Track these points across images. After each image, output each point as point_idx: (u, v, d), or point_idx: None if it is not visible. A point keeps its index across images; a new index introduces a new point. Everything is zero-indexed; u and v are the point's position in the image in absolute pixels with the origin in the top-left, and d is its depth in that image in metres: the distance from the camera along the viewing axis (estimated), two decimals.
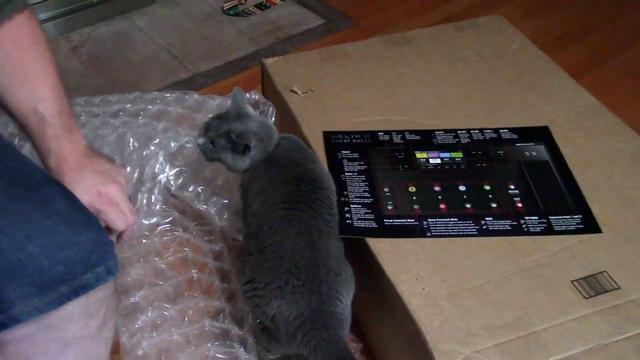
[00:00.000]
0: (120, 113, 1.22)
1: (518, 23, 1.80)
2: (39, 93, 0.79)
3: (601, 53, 1.76)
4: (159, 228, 1.11)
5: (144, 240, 1.07)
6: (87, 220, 0.67)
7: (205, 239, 1.12)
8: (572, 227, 0.95)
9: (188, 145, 1.16)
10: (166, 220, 1.13)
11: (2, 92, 0.78)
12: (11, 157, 0.70)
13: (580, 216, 0.97)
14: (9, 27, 0.77)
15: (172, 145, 1.12)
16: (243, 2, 1.95)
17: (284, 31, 1.84)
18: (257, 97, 1.25)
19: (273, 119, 1.21)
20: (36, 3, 1.77)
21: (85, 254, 0.63)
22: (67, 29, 1.82)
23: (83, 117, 1.20)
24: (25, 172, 0.67)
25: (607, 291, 0.86)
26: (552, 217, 0.97)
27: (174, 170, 1.15)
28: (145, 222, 1.06)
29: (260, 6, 1.94)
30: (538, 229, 0.95)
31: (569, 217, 0.97)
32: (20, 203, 0.63)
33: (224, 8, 1.91)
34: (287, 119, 1.19)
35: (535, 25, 1.86)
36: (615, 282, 0.87)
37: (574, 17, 1.92)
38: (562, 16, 1.91)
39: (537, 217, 0.97)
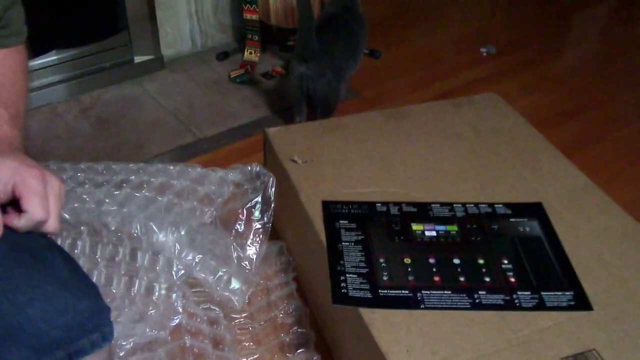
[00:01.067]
0: (124, 185, 1.25)
1: (515, 99, 1.88)
2: None
3: (595, 131, 1.81)
4: (155, 292, 1.12)
5: (144, 299, 1.08)
6: (86, 287, 0.69)
7: (202, 307, 1.13)
8: (563, 304, 0.97)
9: None
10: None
11: None
12: None
13: (571, 293, 0.99)
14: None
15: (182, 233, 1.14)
16: (250, 70, 2.02)
17: (287, 100, 1.90)
18: (257, 169, 1.29)
19: (273, 189, 1.24)
20: (50, 66, 1.84)
21: (83, 320, 0.64)
22: (78, 91, 1.88)
23: (87, 186, 1.23)
24: (29, 237, 0.69)
25: None
26: (544, 293, 0.99)
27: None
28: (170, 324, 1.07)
29: (266, 75, 2.01)
30: (530, 305, 0.97)
31: (560, 293, 0.99)
32: (23, 268, 0.65)
33: (231, 76, 1.98)
34: (287, 188, 1.23)
35: (531, 102, 1.93)
36: None
37: (569, 95, 1.98)
38: (556, 95, 1.98)
39: (529, 293, 0.99)
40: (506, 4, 2.66)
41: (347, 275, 1.01)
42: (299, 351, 1.10)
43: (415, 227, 1.11)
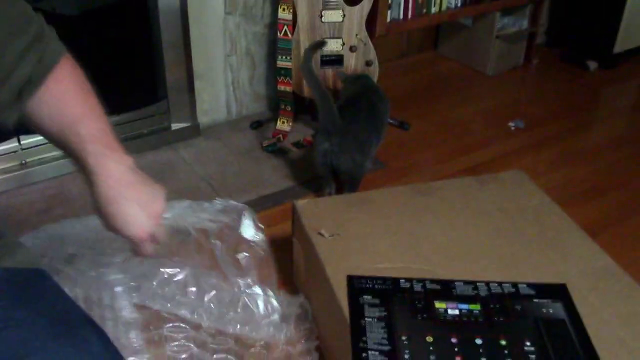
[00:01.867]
0: None
1: (542, 175, 1.91)
2: (78, 116, 0.81)
3: (620, 211, 1.81)
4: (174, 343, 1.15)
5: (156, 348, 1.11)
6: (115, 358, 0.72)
7: (216, 356, 1.15)
8: None
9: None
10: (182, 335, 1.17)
11: (43, 122, 0.80)
12: (55, 297, 0.77)
13: None
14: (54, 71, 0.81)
15: None
16: (282, 139, 2.08)
17: (315, 171, 1.94)
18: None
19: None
20: None
21: None
22: None
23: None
24: (66, 312, 0.73)
25: None
26: None
27: None
28: None
29: (297, 145, 2.07)
30: None
31: None
32: (59, 342, 0.69)
33: (263, 145, 2.05)
34: (313, 260, 1.26)
35: (558, 179, 1.94)
36: None
37: (595, 173, 1.99)
38: (584, 171, 1.99)
39: None
40: (535, 77, 2.71)
41: (370, 352, 1.02)
42: None
43: (439, 304, 1.12)
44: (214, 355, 1.16)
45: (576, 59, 2.76)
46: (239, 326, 1.22)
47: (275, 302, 1.29)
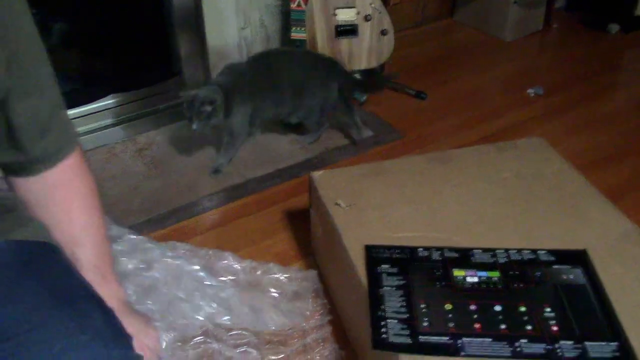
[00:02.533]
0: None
1: (561, 141, 1.88)
2: (78, 239, 0.87)
3: None
4: (193, 340, 1.15)
5: (179, 352, 1.11)
6: (119, 337, 0.73)
7: (239, 350, 1.16)
8: (607, 355, 0.96)
9: None
10: (200, 333, 1.18)
11: (45, 226, 0.85)
12: (62, 271, 0.79)
13: (616, 344, 0.97)
14: (61, 166, 0.86)
15: None
16: None
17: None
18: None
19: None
20: (108, 109, 1.93)
21: None
22: (134, 132, 1.96)
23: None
24: (71, 286, 0.74)
25: None
26: (588, 343, 0.98)
27: None
28: None
29: None
30: (572, 355, 0.96)
31: (605, 344, 0.97)
32: (60, 315, 0.70)
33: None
34: (330, 231, 1.25)
35: (578, 144, 1.92)
36: None
37: (616, 138, 1.96)
38: (604, 137, 1.96)
39: (572, 342, 0.98)
40: (555, 42, 2.66)
41: (388, 320, 1.02)
42: None
43: (457, 272, 1.11)
44: (236, 350, 1.17)
45: (597, 22, 2.69)
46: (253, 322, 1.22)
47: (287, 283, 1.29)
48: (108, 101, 1.95)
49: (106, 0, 2.01)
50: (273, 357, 1.19)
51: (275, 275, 1.31)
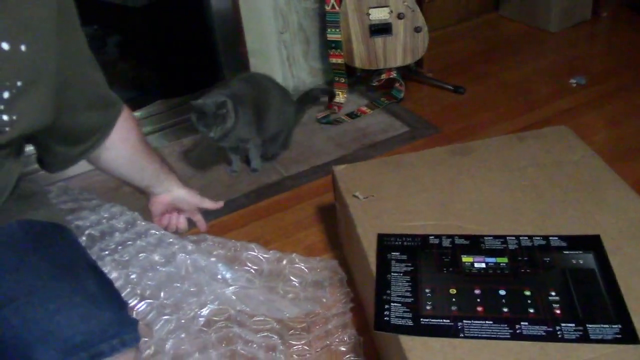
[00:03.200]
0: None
1: (599, 131, 1.86)
2: (149, 172, 1.17)
3: None
4: (217, 324, 1.23)
5: (202, 335, 1.19)
6: (111, 300, 0.82)
7: (260, 335, 1.22)
8: (609, 337, 0.96)
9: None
10: (224, 317, 1.25)
11: (123, 175, 1.15)
12: (66, 246, 0.90)
13: (619, 326, 0.98)
14: (118, 131, 1.05)
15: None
16: (336, 111, 2.13)
17: (370, 138, 1.99)
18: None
19: None
20: (157, 114, 2.06)
21: (103, 328, 0.77)
22: (181, 135, 2.08)
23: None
24: (70, 257, 0.85)
25: None
26: (590, 325, 0.98)
27: None
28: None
29: (351, 115, 2.12)
30: (573, 336, 0.97)
31: (607, 326, 0.98)
32: (58, 282, 0.81)
33: (318, 117, 2.11)
34: (348, 221, 1.31)
35: (616, 134, 1.89)
36: None
37: None
38: None
39: (574, 325, 0.99)
40: (603, 31, 2.60)
41: (392, 304, 1.06)
42: None
43: (465, 259, 1.14)
44: (257, 335, 1.23)
45: None
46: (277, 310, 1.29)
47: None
48: (157, 107, 2.07)
49: (154, 14, 2.14)
50: (295, 342, 1.25)
51: (297, 265, 1.37)
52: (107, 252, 1.18)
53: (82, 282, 0.82)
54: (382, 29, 2.05)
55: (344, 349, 1.22)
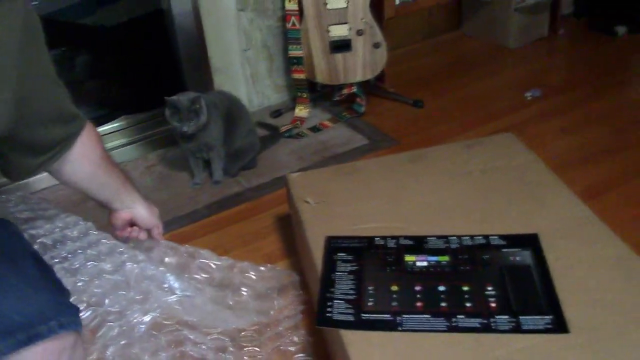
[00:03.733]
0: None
1: (553, 140, 1.93)
2: (109, 189, 1.19)
3: (632, 170, 1.80)
4: (167, 328, 1.25)
5: (152, 339, 1.21)
6: (50, 285, 0.85)
7: (210, 337, 1.24)
8: (540, 327, 1.01)
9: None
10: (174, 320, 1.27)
11: (83, 189, 1.16)
12: (8, 237, 0.93)
13: (550, 317, 1.02)
14: (80, 146, 1.07)
15: None
16: (299, 125, 2.18)
17: (330, 150, 2.03)
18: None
19: None
20: (120, 130, 2.09)
21: (41, 309, 0.80)
22: (145, 151, 2.11)
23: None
24: (13, 247, 0.88)
25: None
26: (522, 317, 1.03)
27: None
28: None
29: (313, 129, 2.16)
30: (506, 327, 1.01)
31: (539, 317, 1.02)
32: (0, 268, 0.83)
33: (281, 131, 2.15)
34: (299, 226, 1.34)
35: (569, 143, 1.96)
36: None
37: (610, 136, 1.97)
38: (597, 134, 1.99)
39: (507, 317, 1.03)
40: (560, 47, 2.68)
41: (335, 301, 1.10)
42: None
43: (408, 258, 1.18)
44: (207, 337, 1.25)
45: (604, 26, 2.70)
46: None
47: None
48: (120, 122, 2.10)
49: (120, 34, 2.19)
50: (246, 344, 1.27)
51: (248, 275, 1.40)
52: (57, 260, 1.20)
53: (21, 268, 0.85)
54: (342, 45, 2.11)
55: (292, 349, 1.25)
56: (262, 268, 1.44)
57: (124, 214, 1.27)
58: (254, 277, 1.40)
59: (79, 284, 1.19)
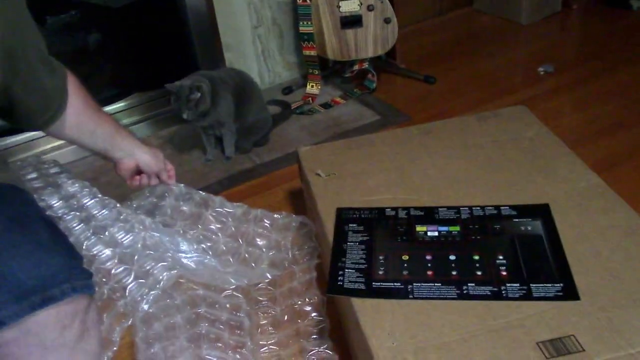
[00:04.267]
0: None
1: (565, 115, 1.91)
2: (101, 136, 1.16)
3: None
4: (182, 287, 1.27)
5: (166, 299, 1.23)
6: (62, 249, 0.87)
7: (224, 294, 1.26)
8: (551, 294, 1.01)
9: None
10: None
11: (74, 141, 1.14)
12: (20, 203, 0.95)
13: (561, 285, 1.02)
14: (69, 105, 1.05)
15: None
16: (310, 102, 2.18)
17: (342, 126, 2.03)
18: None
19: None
20: (133, 107, 2.10)
21: (54, 273, 0.81)
22: (158, 127, 2.13)
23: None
24: (25, 213, 0.89)
25: (570, 353, 0.91)
26: (533, 285, 1.03)
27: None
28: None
29: (325, 105, 2.16)
30: (517, 295, 1.02)
31: (550, 285, 1.03)
32: (11, 232, 0.85)
33: (292, 107, 2.15)
34: (311, 198, 1.35)
35: (582, 117, 1.94)
36: (581, 345, 0.91)
37: (622, 109, 1.95)
38: (610, 109, 1.97)
39: (518, 284, 1.04)
40: (574, 23, 2.65)
41: (346, 270, 1.11)
42: (313, 336, 1.21)
43: (419, 228, 1.19)
44: (222, 295, 1.26)
45: (619, 0, 2.67)
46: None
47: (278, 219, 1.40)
48: (133, 99, 2.11)
49: (132, 13, 2.19)
50: (261, 299, 1.29)
51: (262, 222, 1.41)
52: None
53: (34, 233, 0.86)
54: (352, 21, 2.10)
55: (308, 309, 1.26)
56: (276, 216, 1.44)
57: (128, 163, 1.24)
58: (268, 225, 1.40)
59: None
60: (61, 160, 1.98)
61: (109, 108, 2.08)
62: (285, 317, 1.26)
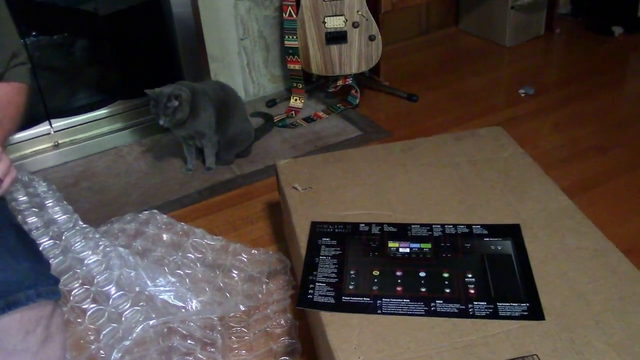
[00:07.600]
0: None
1: (544, 137, 1.94)
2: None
3: (620, 167, 1.81)
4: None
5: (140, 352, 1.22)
6: (30, 255, 0.87)
7: (200, 315, 1.26)
8: (516, 314, 1.03)
9: None
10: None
11: None
12: None
13: (527, 304, 1.04)
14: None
15: None
16: (293, 115, 2.20)
17: (323, 140, 2.05)
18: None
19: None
20: (116, 114, 2.11)
21: (20, 278, 0.82)
22: (140, 136, 2.13)
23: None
24: None
25: None
26: (500, 304, 1.05)
27: None
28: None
29: (307, 119, 2.18)
30: (483, 313, 1.03)
31: (516, 304, 1.04)
32: None
33: (274, 120, 2.17)
34: (286, 211, 1.36)
35: (559, 139, 1.97)
36: None
37: (601, 133, 1.99)
38: (588, 131, 2.01)
39: (485, 303, 1.05)
40: (556, 46, 2.70)
41: (317, 283, 1.12)
42: (285, 357, 1.21)
43: (392, 244, 1.20)
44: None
45: (601, 26, 2.72)
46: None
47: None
48: (116, 107, 2.11)
49: (119, 21, 2.20)
50: (233, 325, 1.29)
51: (240, 257, 1.42)
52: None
53: (2, 238, 0.87)
54: (337, 37, 2.12)
55: (278, 332, 1.27)
56: (254, 251, 1.46)
57: None
58: (245, 259, 1.41)
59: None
60: (42, 165, 2.00)
61: (92, 114, 2.08)
62: (258, 341, 1.27)
